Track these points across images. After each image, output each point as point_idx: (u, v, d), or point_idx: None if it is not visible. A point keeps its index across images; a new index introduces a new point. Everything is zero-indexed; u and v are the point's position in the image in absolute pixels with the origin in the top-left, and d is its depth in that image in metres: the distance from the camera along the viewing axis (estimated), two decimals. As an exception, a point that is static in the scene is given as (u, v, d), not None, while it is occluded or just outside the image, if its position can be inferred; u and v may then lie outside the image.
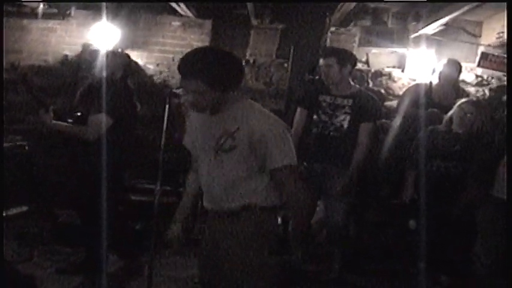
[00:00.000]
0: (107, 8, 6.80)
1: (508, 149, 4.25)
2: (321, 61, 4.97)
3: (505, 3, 5.37)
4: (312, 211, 5.00)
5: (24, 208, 5.76)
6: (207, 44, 6.96)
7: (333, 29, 7.12)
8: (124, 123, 4.67)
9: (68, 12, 7.27)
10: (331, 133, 4.94)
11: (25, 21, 7.38)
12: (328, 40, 7.08)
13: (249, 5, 6.29)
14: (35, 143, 6.29)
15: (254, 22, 7.08)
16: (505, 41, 6.18)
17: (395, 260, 5.50)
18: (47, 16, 7.30)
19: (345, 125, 4.92)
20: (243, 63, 6.91)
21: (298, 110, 5.19)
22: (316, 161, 4.94)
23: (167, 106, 4.61)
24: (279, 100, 7.05)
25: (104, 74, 4.67)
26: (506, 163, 4.25)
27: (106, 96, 4.53)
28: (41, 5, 7.15)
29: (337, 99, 4.98)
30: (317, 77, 6.06)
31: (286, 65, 7.09)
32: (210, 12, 7.22)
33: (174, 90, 6.47)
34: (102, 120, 4.52)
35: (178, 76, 7.13)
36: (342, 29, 7.17)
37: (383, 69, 7.21)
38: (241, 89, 6.87)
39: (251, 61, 7.15)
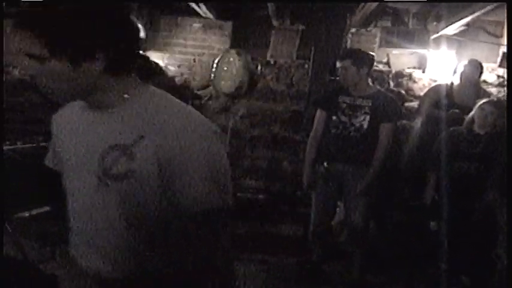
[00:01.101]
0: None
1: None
2: (338, 63, 4.97)
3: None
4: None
5: (46, 208, 5.79)
6: (227, 45, 7.00)
7: (353, 30, 7.13)
8: None
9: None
10: (351, 133, 4.94)
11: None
12: (348, 41, 7.08)
13: (270, 6, 6.31)
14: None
15: (274, 23, 7.09)
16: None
17: (416, 260, 5.48)
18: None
19: (365, 126, 4.91)
20: (262, 64, 6.95)
21: (318, 111, 5.19)
22: (336, 162, 4.95)
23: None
24: (300, 101, 7.06)
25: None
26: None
27: None
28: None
29: (356, 100, 4.98)
30: (337, 78, 6.07)
31: (306, 66, 7.10)
32: (231, 14, 7.25)
33: (196, 92, 6.56)
34: None
35: (199, 77, 7.24)
36: (363, 30, 7.17)
37: (404, 70, 7.20)
38: (261, 90, 6.99)
39: (272, 62, 7.17)
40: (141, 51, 1.76)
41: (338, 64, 4.97)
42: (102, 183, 1.68)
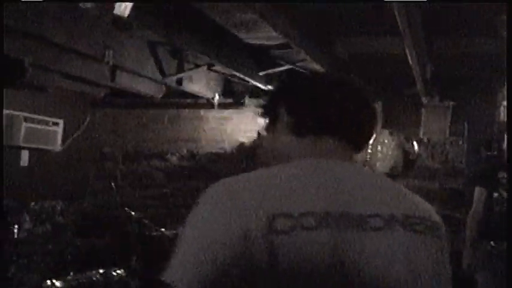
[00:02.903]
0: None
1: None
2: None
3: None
4: None
5: None
6: (379, 126, 7.03)
7: (505, 102, 6.93)
8: None
9: (242, 101, 7.63)
10: (516, 210, 4.75)
11: (202, 111, 7.84)
12: (502, 114, 6.89)
13: (418, 85, 6.30)
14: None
15: (424, 101, 7.05)
16: None
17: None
18: (222, 106, 7.70)
19: (529, 201, 4.72)
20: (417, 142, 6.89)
21: (477, 188, 5.06)
22: (504, 240, 4.75)
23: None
24: (456, 178, 6.90)
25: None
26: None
27: None
28: (217, 96, 7.56)
29: (517, 174, 4.82)
30: (494, 153, 5.90)
31: (460, 142, 6.96)
32: (379, 93, 7.28)
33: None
34: None
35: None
36: (516, 102, 6.95)
37: None
38: (417, 168, 6.90)
39: (425, 140, 7.09)
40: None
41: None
42: None
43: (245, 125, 7.67)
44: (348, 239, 1.36)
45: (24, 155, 6.62)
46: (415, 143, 5.02)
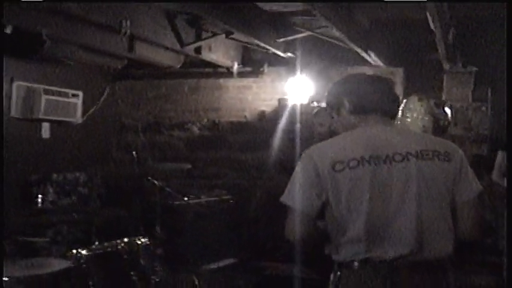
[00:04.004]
0: (298, 63, 7.04)
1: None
2: None
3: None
4: None
5: (232, 260, 5.97)
6: (401, 92, 6.97)
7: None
8: None
9: (261, 69, 7.59)
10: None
11: (222, 81, 7.81)
12: (526, 79, 6.78)
13: (440, 50, 6.21)
14: (238, 197, 6.54)
15: (446, 67, 6.96)
16: None
17: None
18: (242, 74, 7.67)
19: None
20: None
21: (500, 152, 5.02)
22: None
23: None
24: (481, 145, 6.83)
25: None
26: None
27: None
28: (236, 65, 7.52)
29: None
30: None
31: (484, 108, 6.88)
32: (400, 60, 7.21)
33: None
34: None
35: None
36: (541, 67, 6.84)
37: None
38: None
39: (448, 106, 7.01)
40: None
41: None
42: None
43: (265, 94, 7.64)
44: (379, 170, 2.48)
45: (46, 128, 6.63)
46: (446, 109, 4.94)
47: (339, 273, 2.52)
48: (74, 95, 6.80)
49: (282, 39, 6.61)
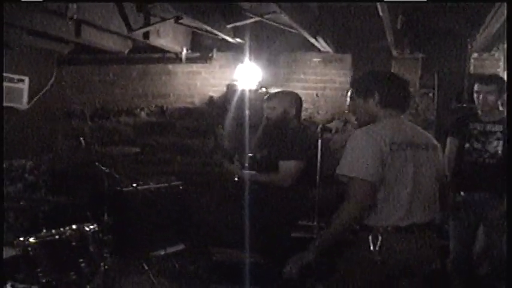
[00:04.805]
0: (247, 49, 7.04)
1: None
2: (478, 87, 4.85)
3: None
4: None
5: (181, 246, 5.95)
6: (348, 78, 7.04)
7: (475, 55, 6.95)
8: (311, 165, 4.72)
9: (210, 55, 7.56)
10: (487, 160, 4.82)
11: (170, 66, 7.75)
12: (471, 66, 6.92)
13: (388, 37, 6.28)
14: (187, 183, 6.51)
15: (394, 53, 7.04)
16: None
17: None
18: (190, 60, 7.62)
19: (499, 151, 4.78)
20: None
21: (449, 139, 5.10)
22: (474, 190, 4.82)
23: (319, 141, 4.67)
24: (428, 130, 6.91)
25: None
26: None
27: (291, 139, 4.61)
28: (184, 50, 7.48)
29: (487, 125, 4.87)
30: (464, 105, 5.93)
31: (431, 94, 6.99)
32: (349, 46, 7.27)
33: (326, 125, 6.58)
34: (293, 165, 4.55)
35: (324, 111, 7.27)
36: (486, 54, 6.98)
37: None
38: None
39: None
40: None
41: (478, 87, 4.85)
42: None
43: (214, 79, 7.61)
44: (416, 153, 3.21)
45: (-10, 113, 6.49)
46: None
47: (379, 236, 3.11)
48: (19, 80, 6.67)
49: (231, 25, 6.58)
